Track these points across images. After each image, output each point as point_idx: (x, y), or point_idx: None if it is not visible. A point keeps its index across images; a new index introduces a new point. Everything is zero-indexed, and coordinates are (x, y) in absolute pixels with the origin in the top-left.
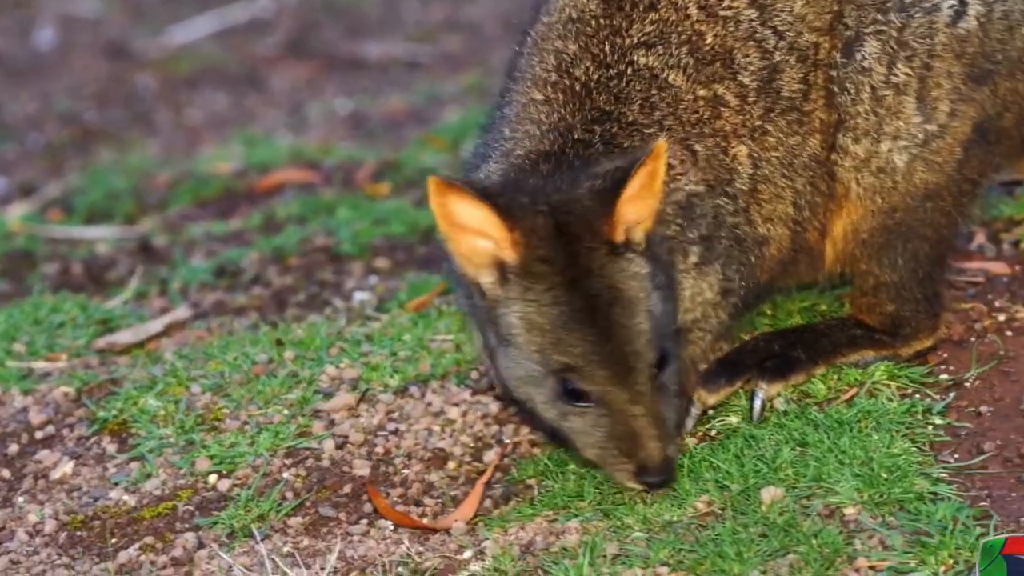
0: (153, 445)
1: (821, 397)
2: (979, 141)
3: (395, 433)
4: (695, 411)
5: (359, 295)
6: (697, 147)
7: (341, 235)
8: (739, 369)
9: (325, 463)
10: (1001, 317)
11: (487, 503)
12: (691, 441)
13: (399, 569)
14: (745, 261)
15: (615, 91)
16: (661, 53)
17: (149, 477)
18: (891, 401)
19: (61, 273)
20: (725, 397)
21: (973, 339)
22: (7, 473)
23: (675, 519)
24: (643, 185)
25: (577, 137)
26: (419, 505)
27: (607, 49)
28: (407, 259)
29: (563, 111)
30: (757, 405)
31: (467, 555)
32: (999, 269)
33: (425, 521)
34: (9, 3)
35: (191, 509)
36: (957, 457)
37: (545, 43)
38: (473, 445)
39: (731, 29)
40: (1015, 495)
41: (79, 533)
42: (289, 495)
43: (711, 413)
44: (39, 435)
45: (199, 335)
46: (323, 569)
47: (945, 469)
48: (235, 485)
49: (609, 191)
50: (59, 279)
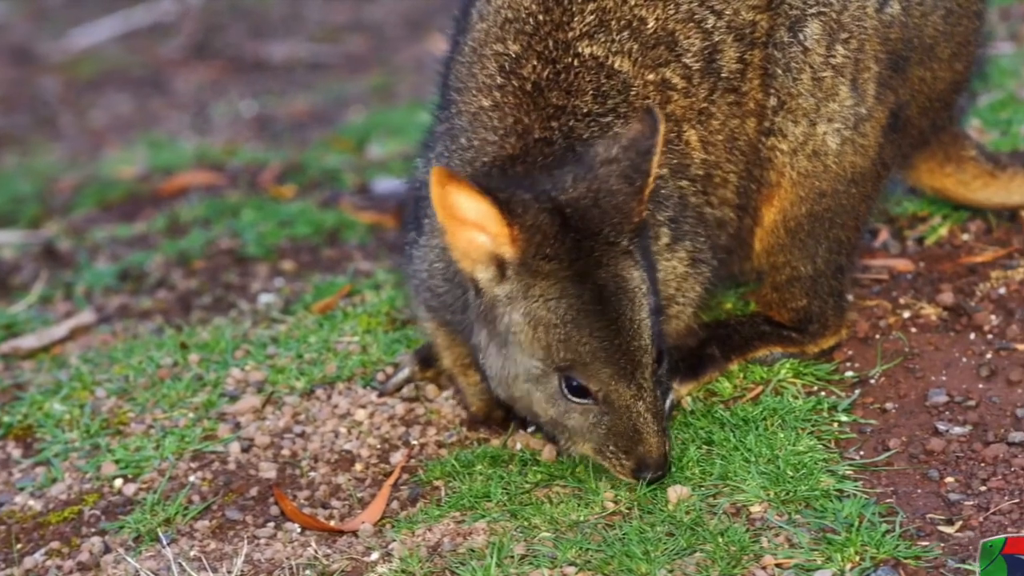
0: (58, 450)
1: (727, 395)
2: (893, 127)
3: (301, 435)
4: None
5: (264, 297)
6: None
7: (246, 237)
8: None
9: (231, 466)
10: (905, 314)
11: (394, 505)
12: None
13: (306, 572)
14: (709, 236)
15: (565, 86)
16: (604, 41)
17: (55, 482)
18: (797, 399)
19: None
20: None
21: (878, 336)
22: None
23: (582, 519)
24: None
25: (537, 137)
26: (326, 507)
27: (551, 45)
28: (312, 261)
29: (517, 113)
30: (667, 405)
31: (374, 557)
32: (903, 266)
33: (332, 523)
34: None
35: (97, 513)
36: (863, 454)
37: (484, 49)
38: (380, 447)
39: (671, 11)
40: (920, 491)
41: None
42: (195, 498)
43: None
44: None
45: (104, 339)
46: (230, 573)
47: (851, 466)
48: (141, 489)
49: (637, 167)
50: None
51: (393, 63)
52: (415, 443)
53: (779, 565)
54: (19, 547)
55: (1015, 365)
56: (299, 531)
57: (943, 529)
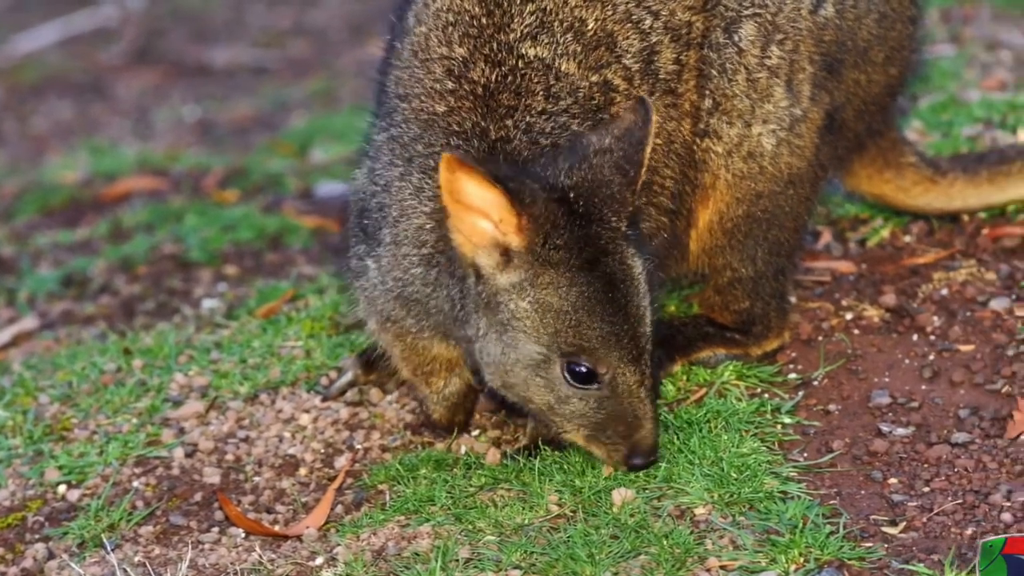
0: (1, 456)
1: (671, 398)
2: (829, 129)
3: (245, 440)
4: None
5: (208, 302)
6: None
7: (189, 242)
8: None
9: (175, 471)
10: (848, 316)
11: (338, 509)
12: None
13: None
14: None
15: (514, 87)
16: (548, 43)
17: None
18: (740, 401)
19: None
20: None
21: (821, 338)
22: None
23: (527, 522)
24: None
25: (495, 137)
26: (270, 512)
27: (495, 47)
28: (255, 266)
29: (474, 117)
30: None
31: (319, 561)
32: (845, 268)
33: (276, 528)
34: None
35: (41, 520)
36: (806, 456)
37: (427, 53)
38: (324, 451)
39: (609, 12)
40: (864, 492)
41: None
42: (139, 504)
43: None
44: None
45: (47, 345)
46: None
47: (794, 468)
48: (85, 495)
49: (630, 158)
50: None
51: (336, 67)
52: (359, 447)
53: (724, 567)
54: None
55: (957, 366)
56: (243, 536)
57: (887, 530)
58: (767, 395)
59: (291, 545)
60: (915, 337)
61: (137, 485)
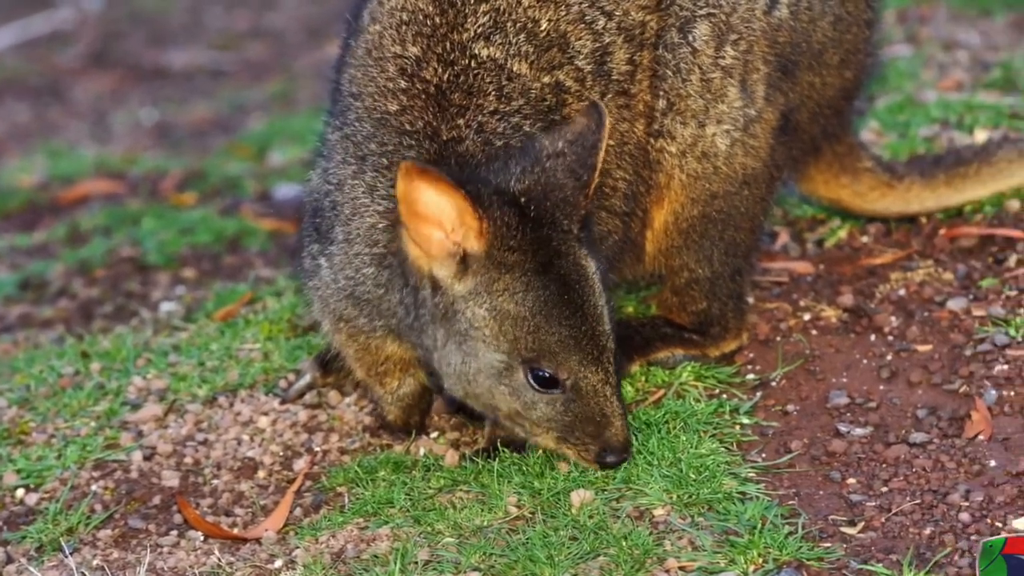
0: None
1: (629, 399)
2: (783, 130)
3: (204, 443)
4: None
5: (166, 305)
6: None
7: (147, 245)
8: None
9: (134, 475)
10: (806, 316)
11: (297, 512)
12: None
13: None
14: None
15: (466, 87)
16: (500, 43)
17: None
18: (698, 402)
19: None
20: None
21: (778, 339)
22: None
23: (486, 523)
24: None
25: (446, 138)
26: (229, 515)
27: (447, 46)
28: (213, 268)
29: (426, 116)
30: None
31: (278, 564)
32: (803, 268)
33: (235, 531)
34: None
35: None
36: (765, 456)
37: (380, 51)
38: (283, 454)
39: (563, 13)
40: (823, 493)
41: None
42: (98, 508)
43: None
44: None
45: (4, 348)
46: None
47: (753, 468)
48: (43, 499)
49: (583, 162)
50: None
51: (293, 70)
52: (318, 450)
53: (682, 568)
54: None
55: (915, 366)
56: (202, 539)
57: (845, 530)
58: (725, 396)
59: (250, 548)
60: (873, 337)
61: (95, 489)
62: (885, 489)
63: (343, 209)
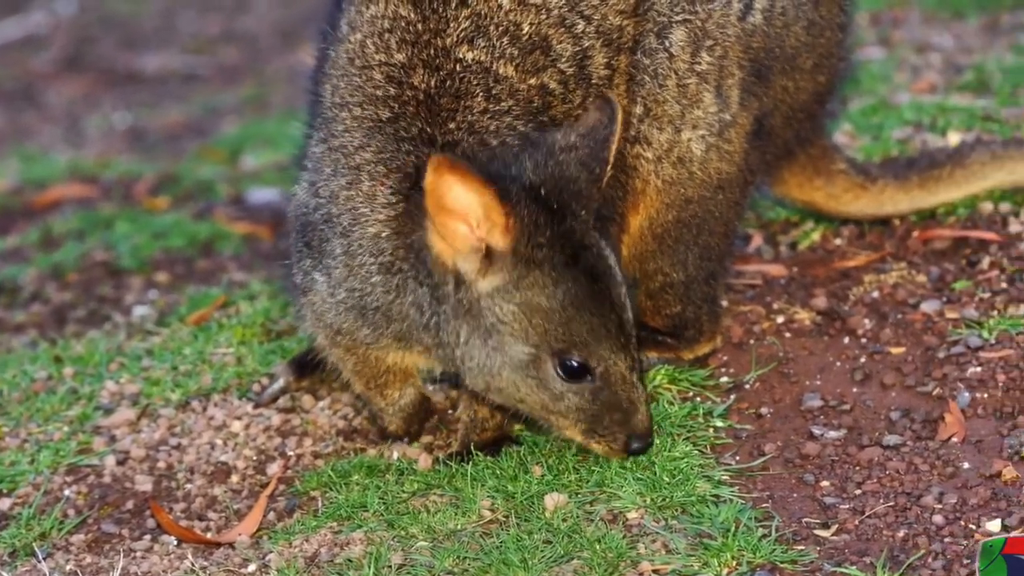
0: None
1: None
2: (758, 134)
3: (177, 448)
4: None
5: (139, 310)
6: None
7: (120, 250)
8: None
9: (107, 479)
10: (779, 319)
11: (271, 516)
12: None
13: None
14: None
15: (454, 90)
16: (484, 47)
17: None
18: (672, 405)
19: None
20: None
21: (752, 341)
22: None
23: (459, 527)
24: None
25: (442, 143)
26: (202, 519)
27: (432, 52)
28: (186, 273)
29: (419, 123)
30: None
31: (252, 568)
32: (776, 271)
33: (209, 536)
34: None
35: None
36: (738, 459)
37: (364, 60)
38: (256, 458)
39: (543, 17)
40: (796, 495)
41: None
42: (71, 512)
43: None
44: None
45: None
46: None
47: (727, 471)
48: (16, 504)
49: (595, 155)
50: None
51: (266, 74)
52: (291, 454)
53: (656, 571)
54: None
55: (888, 369)
56: (176, 544)
57: (819, 533)
58: (699, 399)
59: (223, 552)
60: (846, 340)
61: (69, 493)
62: (859, 491)
63: (340, 221)
